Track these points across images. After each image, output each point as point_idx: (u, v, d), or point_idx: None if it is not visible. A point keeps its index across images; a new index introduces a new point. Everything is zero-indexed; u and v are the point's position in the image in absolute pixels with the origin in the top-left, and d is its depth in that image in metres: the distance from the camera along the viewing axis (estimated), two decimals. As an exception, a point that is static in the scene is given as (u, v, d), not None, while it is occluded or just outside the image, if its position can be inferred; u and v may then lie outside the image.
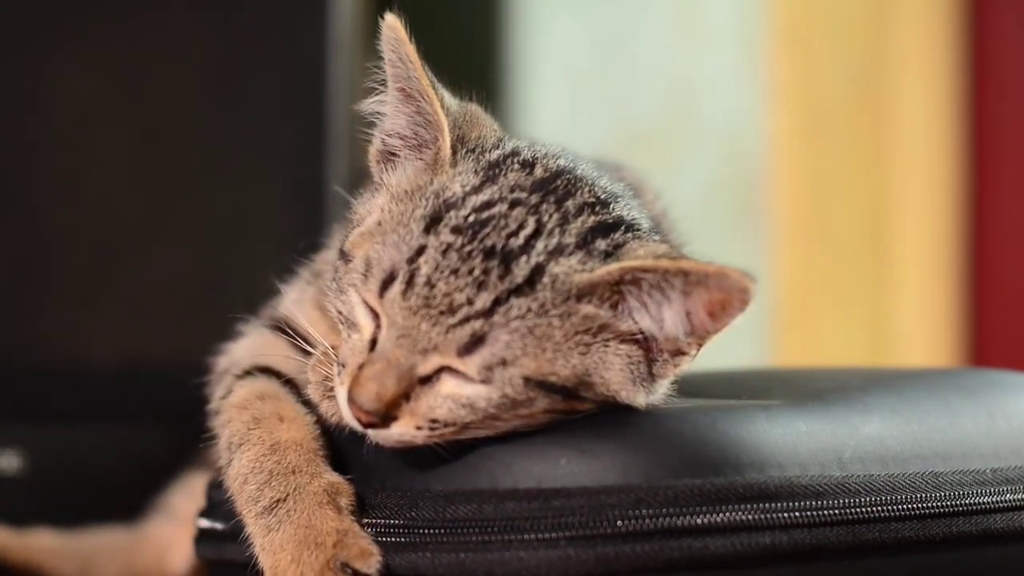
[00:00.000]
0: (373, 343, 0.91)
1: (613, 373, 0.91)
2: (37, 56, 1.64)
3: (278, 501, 0.93)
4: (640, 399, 0.92)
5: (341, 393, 0.91)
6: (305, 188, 1.61)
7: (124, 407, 1.07)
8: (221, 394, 1.03)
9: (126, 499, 1.39)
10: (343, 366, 0.92)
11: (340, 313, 0.94)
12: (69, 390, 1.62)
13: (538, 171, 0.95)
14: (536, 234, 0.90)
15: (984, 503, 0.96)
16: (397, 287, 0.89)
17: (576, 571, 0.88)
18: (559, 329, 0.89)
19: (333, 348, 0.96)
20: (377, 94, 0.99)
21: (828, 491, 0.91)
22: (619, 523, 0.87)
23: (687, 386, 1.08)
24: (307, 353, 0.99)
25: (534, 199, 0.92)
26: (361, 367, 0.90)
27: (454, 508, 0.90)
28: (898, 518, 0.93)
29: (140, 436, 1.05)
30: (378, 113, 0.99)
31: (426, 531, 0.90)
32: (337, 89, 1.67)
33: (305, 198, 1.61)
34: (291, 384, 1.01)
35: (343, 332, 0.94)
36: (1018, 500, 0.97)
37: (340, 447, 0.96)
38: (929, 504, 0.94)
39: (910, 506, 0.93)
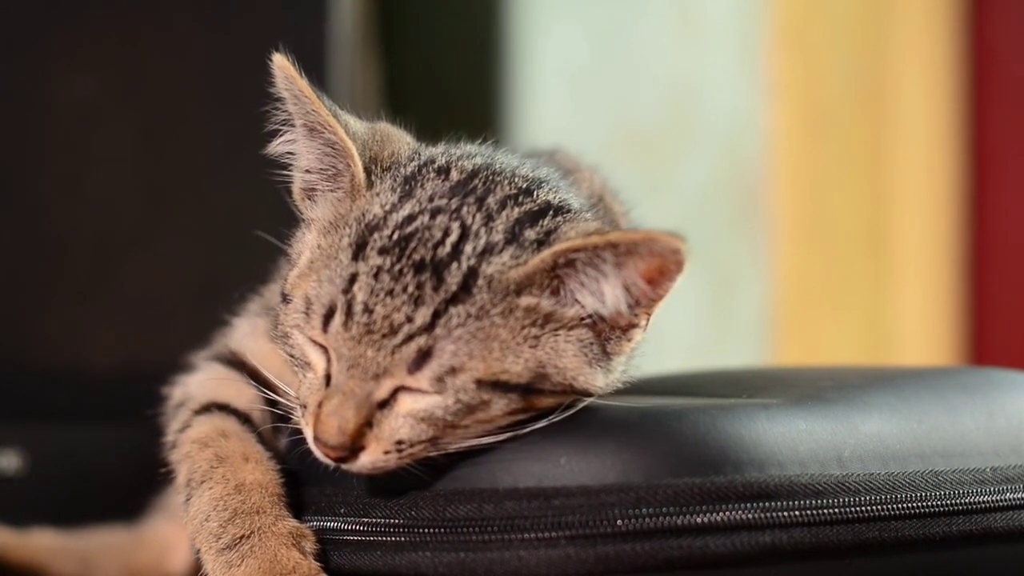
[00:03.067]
0: (328, 379, 0.91)
1: (567, 360, 0.91)
2: (37, 56, 1.65)
3: (241, 538, 0.93)
4: (599, 380, 0.92)
5: (308, 433, 0.91)
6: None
7: (124, 407, 1.07)
8: (178, 427, 1.03)
9: (126, 499, 1.39)
10: (304, 407, 0.92)
11: (292, 356, 0.94)
12: (69, 390, 1.62)
13: (454, 175, 0.95)
14: (462, 238, 0.90)
15: (984, 502, 0.96)
16: (338, 319, 0.89)
17: (576, 570, 0.88)
18: (503, 328, 0.89)
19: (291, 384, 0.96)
20: (283, 135, 0.98)
21: (828, 490, 0.91)
22: (619, 522, 0.87)
23: (688, 385, 1.08)
24: (262, 388, 0.99)
25: (454, 203, 0.92)
26: (320, 404, 0.90)
27: (454, 507, 0.90)
28: (898, 517, 0.93)
29: (140, 436, 1.05)
30: (289, 153, 0.99)
31: (426, 530, 0.90)
32: (337, 89, 1.67)
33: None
34: (248, 421, 1.02)
35: (299, 374, 0.93)
36: (1018, 499, 0.97)
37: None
38: (929, 503, 0.94)
39: (910, 505, 0.93)
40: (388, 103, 2.20)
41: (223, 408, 1.02)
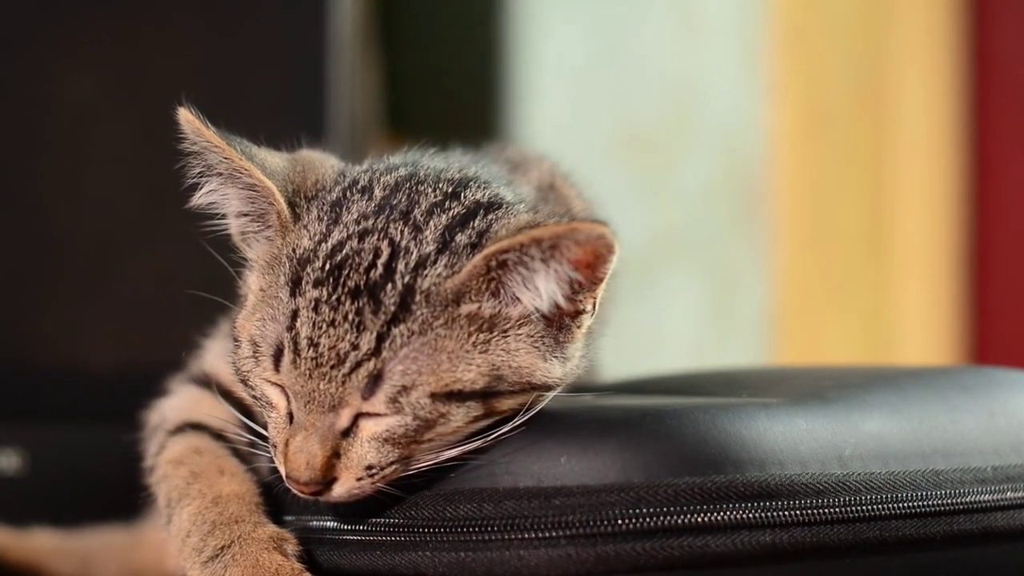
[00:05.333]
0: (291, 416, 0.91)
1: (521, 358, 0.90)
2: (37, 56, 1.65)
3: (223, 548, 0.93)
4: (556, 371, 0.92)
5: (282, 472, 0.91)
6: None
7: (124, 407, 1.07)
8: (155, 451, 1.03)
9: (126, 499, 1.39)
10: (275, 446, 0.92)
11: (255, 398, 0.94)
12: (69, 390, 1.62)
13: (377, 192, 0.94)
14: (393, 256, 0.90)
15: (984, 501, 0.96)
16: (287, 357, 0.89)
17: (576, 570, 0.88)
18: (449, 339, 0.89)
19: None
20: (203, 186, 0.98)
21: (828, 489, 0.91)
22: (620, 521, 0.87)
23: (688, 385, 1.08)
24: (235, 408, 1.00)
25: (380, 222, 0.91)
26: (287, 443, 0.90)
27: (454, 507, 0.90)
28: (898, 516, 0.92)
29: (140, 436, 1.05)
30: (214, 203, 0.98)
31: (426, 530, 0.90)
32: (337, 89, 1.67)
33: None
34: (222, 438, 1.02)
35: (265, 414, 0.93)
36: (1019, 498, 0.97)
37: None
38: (929, 502, 0.94)
39: (910, 504, 0.93)
40: (388, 103, 2.20)
41: (196, 427, 1.03)
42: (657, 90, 2.38)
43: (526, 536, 0.88)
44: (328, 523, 0.94)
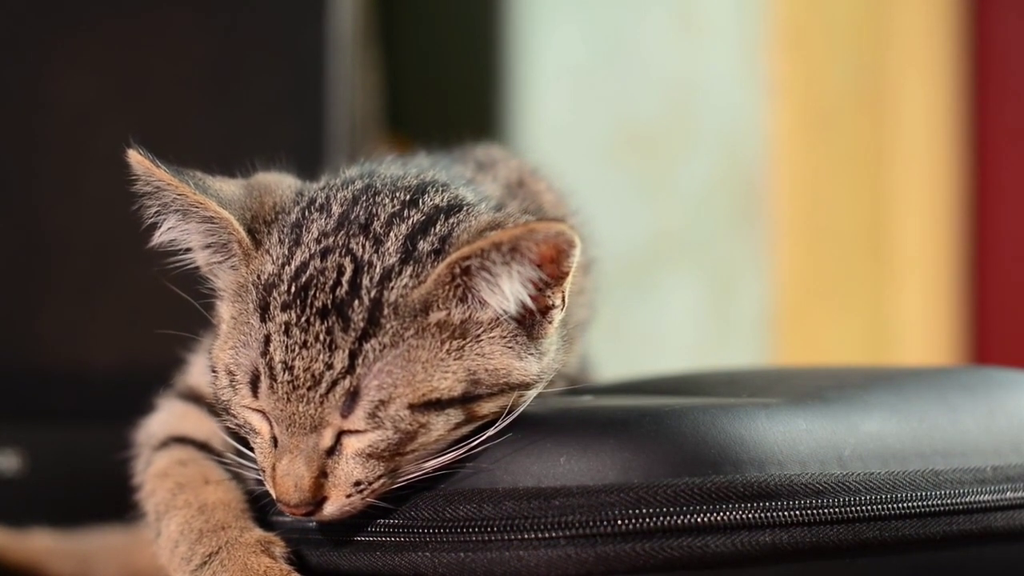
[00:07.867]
0: (275, 440, 0.91)
1: (496, 360, 0.90)
2: (37, 56, 1.65)
3: (211, 554, 0.93)
4: (533, 368, 0.92)
5: (273, 496, 0.91)
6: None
7: (124, 407, 1.07)
8: (142, 467, 1.03)
9: (126, 499, 1.39)
10: (263, 471, 0.92)
11: (239, 427, 0.94)
12: (69, 390, 1.62)
13: (335, 208, 0.94)
14: (357, 272, 0.89)
15: (984, 501, 0.96)
16: (264, 383, 0.89)
17: (576, 570, 0.88)
18: (421, 349, 0.89)
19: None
20: (162, 225, 0.97)
21: (828, 489, 0.91)
22: (619, 522, 0.87)
23: (688, 385, 1.08)
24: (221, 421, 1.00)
25: (341, 239, 0.91)
26: (274, 467, 0.90)
27: (454, 508, 0.90)
28: (898, 516, 0.93)
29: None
30: (175, 240, 0.97)
31: (426, 531, 0.90)
32: (337, 89, 1.67)
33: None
34: (208, 449, 1.02)
35: (251, 440, 0.93)
36: (1018, 498, 0.97)
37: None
38: (929, 502, 0.94)
39: (910, 504, 0.93)
40: (388, 103, 2.20)
41: (181, 440, 1.03)
42: (657, 90, 2.38)
43: (526, 536, 0.88)
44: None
